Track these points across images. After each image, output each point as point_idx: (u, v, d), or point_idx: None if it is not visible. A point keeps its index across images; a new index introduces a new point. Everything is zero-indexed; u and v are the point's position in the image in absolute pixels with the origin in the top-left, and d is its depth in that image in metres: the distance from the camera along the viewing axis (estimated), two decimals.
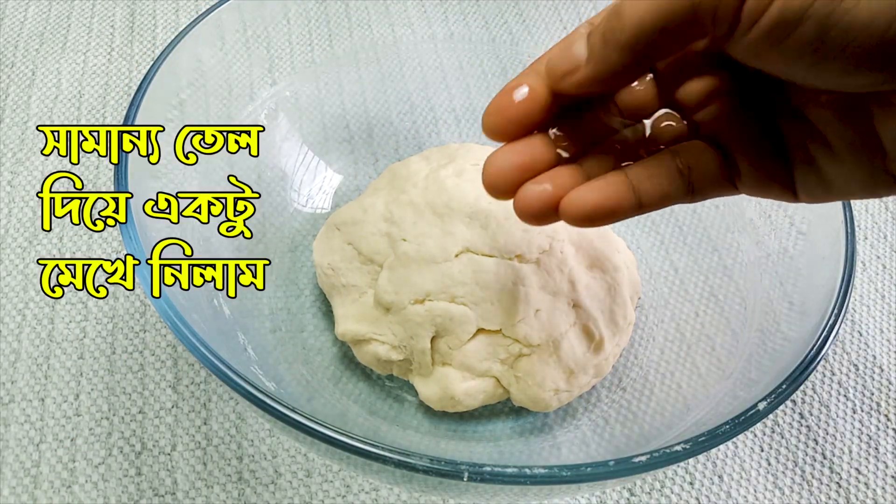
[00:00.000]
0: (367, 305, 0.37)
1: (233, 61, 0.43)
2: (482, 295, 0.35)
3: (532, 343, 0.35)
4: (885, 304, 0.47)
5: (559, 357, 0.36)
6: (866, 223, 0.50)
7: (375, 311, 0.37)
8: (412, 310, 0.35)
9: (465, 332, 0.35)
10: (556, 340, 0.36)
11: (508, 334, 0.36)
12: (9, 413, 0.38)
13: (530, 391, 0.36)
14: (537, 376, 0.36)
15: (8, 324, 0.41)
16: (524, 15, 0.52)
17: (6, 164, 0.48)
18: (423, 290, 0.35)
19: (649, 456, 0.26)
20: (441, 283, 0.36)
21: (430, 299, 0.35)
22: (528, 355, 0.36)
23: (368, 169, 0.48)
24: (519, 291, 0.36)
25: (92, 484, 0.36)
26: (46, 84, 0.52)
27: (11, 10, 0.57)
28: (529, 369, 0.36)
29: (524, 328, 0.35)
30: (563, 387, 0.36)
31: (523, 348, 0.36)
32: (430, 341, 0.36)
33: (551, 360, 0.36)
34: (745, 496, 0.39)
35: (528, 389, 0.36)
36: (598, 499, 0.38)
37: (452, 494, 0.35)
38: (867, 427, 0.41)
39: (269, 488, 0.37)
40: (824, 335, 0.30)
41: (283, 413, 0.26)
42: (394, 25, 0.51)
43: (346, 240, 0.39)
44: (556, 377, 0.36)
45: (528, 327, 0.35)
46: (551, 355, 0.36)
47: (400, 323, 0.36)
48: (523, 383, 0.36)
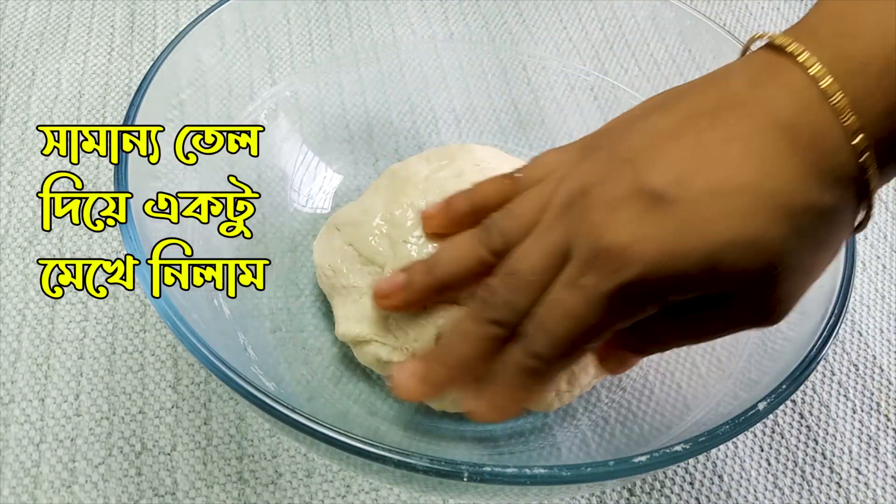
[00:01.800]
0: (368, 306, 0.37)
1: (233, 61, 0.43)
2: None
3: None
4: (885, 304, 0.47)
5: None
6: None
7: (376, 313, 0.37)
8: (413, 312, 0.35)
9: None
10: None
11: None
12: (9, 413, 0.38)
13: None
14: None
15: (8, 324, 0.41)
16: (524, 15, 0.52)
17: (6, 164, 0.48)
18: None
19: (649, 456, 0.26)
20: None
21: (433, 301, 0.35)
22: None
23: (368, 169, 0.48)
24: None
25: (92, 484, 0.36)
26: (46, 84, 0.52)
27: (11, 10, 0.57)
28: None
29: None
30: (563, 387, 0.36)
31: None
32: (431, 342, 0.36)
33: None
34: (745, 496, 0.39)
35: None
36: (597, 499, 0.38)
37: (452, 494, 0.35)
38: (867, 427, 0.41)
39: (270, 488, 0.37)
40: (824, 335, 0.30)
41: (283, 413, 0.26)
42: (394, 25, 0.51)
43: (346, 241, 0.39)
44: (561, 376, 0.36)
45: None
46: None
47: (401, 325, 0.36)
48: None
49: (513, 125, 0.51)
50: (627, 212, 0.25)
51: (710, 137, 0.25)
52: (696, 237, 0.24)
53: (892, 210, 0.51)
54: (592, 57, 0.48)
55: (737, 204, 0.24)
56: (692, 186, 0.24)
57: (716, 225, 0.24)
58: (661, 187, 0.24)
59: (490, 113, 0.51)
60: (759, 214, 0.24)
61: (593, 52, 0.49)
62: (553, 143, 0.49)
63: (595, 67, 0.29)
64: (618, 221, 0.25)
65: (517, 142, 0.50)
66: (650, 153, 0.26)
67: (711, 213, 0.24)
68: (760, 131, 0.24)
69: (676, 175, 0.25)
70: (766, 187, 0.24)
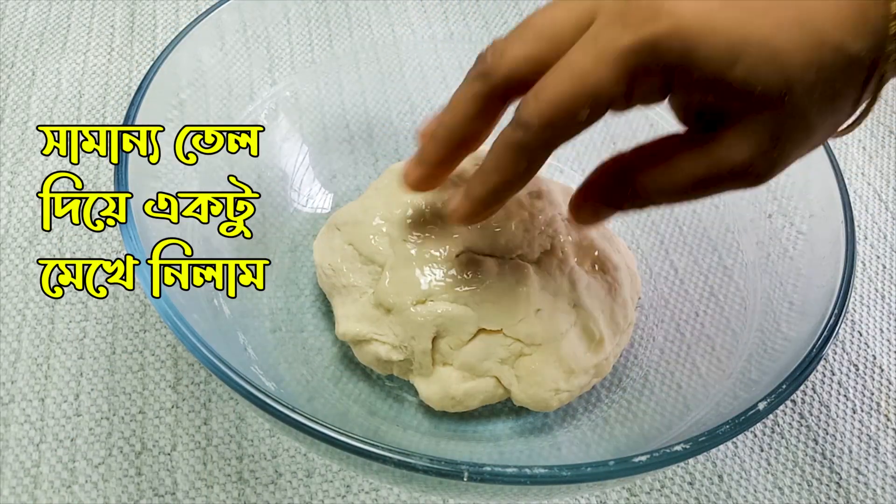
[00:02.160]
0: (368, 305, 0.37)
1: (233, 61, 0.43)
2: (483, 295, 0.35)
3: (533, 343, 0.35)
4: (885, 304, 0.47)
5: (560, 357, 0.36)
6: (866, 223, 0.50)
7: (376, 312, 0.37)
8: (413, 310, 0.35)
9: (465, 333, 0.35)
10: (557, 340, 0.36)
11: (509, 334, 0.36)
12: (9, 413, 0.38)
13: (531, 391, 0.36)
14: (538, 376, 0.36)
15: (8, 324, 0.41)
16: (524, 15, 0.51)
17: (6, 164, 0.48)
18: (424, 291, 0.35)
19: (649, 456, 0.26)
20: (442, 284, 0.36)
21: (432, 300, 0.35)
22: (528, 355, 0.36)
23: (368, 169, 0.48)
24: (520, 291, 0.36)
25: (92, 484, 0.36)
26: (46, 84, 0.52)
27: (11, 10, 0.57)
28: (530, 369, 0.36)
29: (525, 328, 0.35)
30: (563, 386, 0.36)
31: (524, 348, 0.36)
32: (431, 342, 0.36)
33: (552, 360, 0.36)
34: (745, 496, 0.39)
35: (529, 389, 0.36)
36: (597, 499, 0.38)
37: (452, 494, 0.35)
38: (867, 427, 0.41)
39: (269, 488, 0.37)
40: (824, 335, 0.30)
41: (283, 413, 0.26)
42: (394, 25, 0.51)
43: (346, 240, 0.39)
44: (556, 377, 0.36)
45: (529, 327, 0.35)
46: (552, 355, 0.36)
47: (401, 323, 0.36)
48: (524, 383, 0.36)
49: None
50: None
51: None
52: (732, 21, 0.24)
53: (892, 210, 0.51)
54: None
55: (778, 12, 0.24)
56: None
57: (754, 19, 0.24)
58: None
59: None
60: (795, 30, 0.24)
61: None
62: None
63: None
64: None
65: None
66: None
67: (755, 7, 0.24)
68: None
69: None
70: (810, 8, 0.24)
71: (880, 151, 0.55)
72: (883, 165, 0.54)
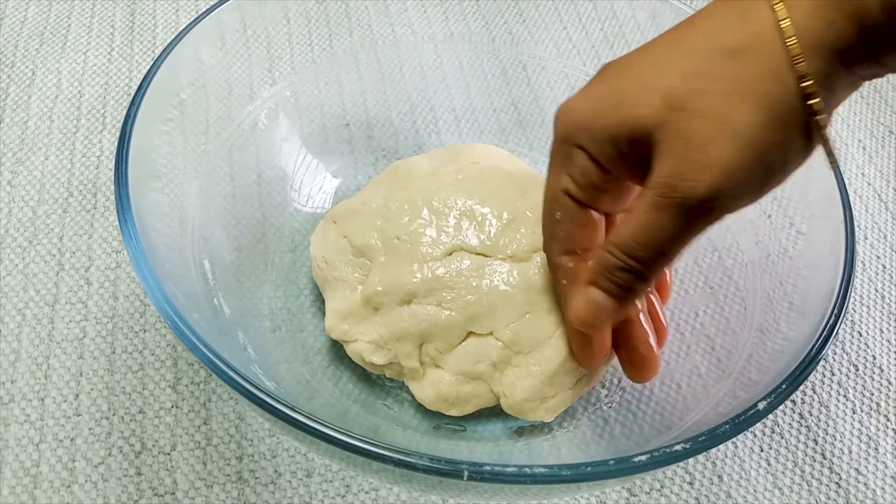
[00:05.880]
0: (356, 302, 0.37)
1: (233, 61, 0.43)
2: (471, 298, 0.35)
3: (521, 350, 0.35)
4: (885, 304, 0.47)
5: (547, 363, 0.35)
6: (866, 223, 0.50)
7: (363, 310, 0.36)
8: (397, 312, 0.35)
9: (453, 337, 0.35)
10: (545, 345, 0.35)
11: (499, 338, 0.35)
12: (9, 413, 0.38)
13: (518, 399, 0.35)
14: (525, 382, 0.35)
15: (8, 324, 0.41)
16: (524, 15, 0.52)
17: (6, 164, 0.48)
18: (410, 290, 0.35)
19: (649, 456, 0.26)
20: (429, 285, 0.35)
21: (417, 302, 0.35)
22: (516, 366, 0.35)
23: (368, 169, 0.48)
24: (509, 293, 0.35)
25: (92, 484, 0.36)
26: (46, 84, 0.52)
27: (11, 10, 0.57)
28: (517, 376, 0.35)
29: (514, 331, 0.35)
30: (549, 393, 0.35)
31: (513, 357, 0.35)
32: (415, 346, 0.35)
33: (539, 367, 0.35)
34: (745, 496, 0.39)
35: (517, 396, 0.35)
36: (597, 499, 0.38)
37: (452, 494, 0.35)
38: (867, 427, 0.41)
39: (269, 488, 0.37)
40: (824, 335, 0.30)
41: (283, 412, 0.26)
42: (394, 25, 0.51)
43: (341, 232, 0.39)
44: (542, 385, 0.35)
45: (518, 330, 0.35)
46: (538, 363, 0.35)
47: (385, 324, 0.35)
48: (512, 391, 0.35)
49: (513, 125, 0.51)
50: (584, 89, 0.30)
51: (667, 47, 0.28)
52: (614, 102, 0.28)
53: (892, 210, 0.51)
54: (592, 57, 0.48)
55: (649, 96, 0.27)
56: (631, 65, 0.29)
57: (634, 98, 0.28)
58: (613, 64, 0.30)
59: (490, 113, 0.51)
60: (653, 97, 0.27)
61: (593, 52, 0.49)
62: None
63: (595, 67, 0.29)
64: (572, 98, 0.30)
65: (517, 142, 0.50)
66: (626, 56, 0.30)
67: (633, 89, 0.28)
68: (705, 54, 0.26)
69: (628, 59, 0.29)
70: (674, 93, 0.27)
71: (880, 151, 0.55)
72: (883, 165, 0.54)
